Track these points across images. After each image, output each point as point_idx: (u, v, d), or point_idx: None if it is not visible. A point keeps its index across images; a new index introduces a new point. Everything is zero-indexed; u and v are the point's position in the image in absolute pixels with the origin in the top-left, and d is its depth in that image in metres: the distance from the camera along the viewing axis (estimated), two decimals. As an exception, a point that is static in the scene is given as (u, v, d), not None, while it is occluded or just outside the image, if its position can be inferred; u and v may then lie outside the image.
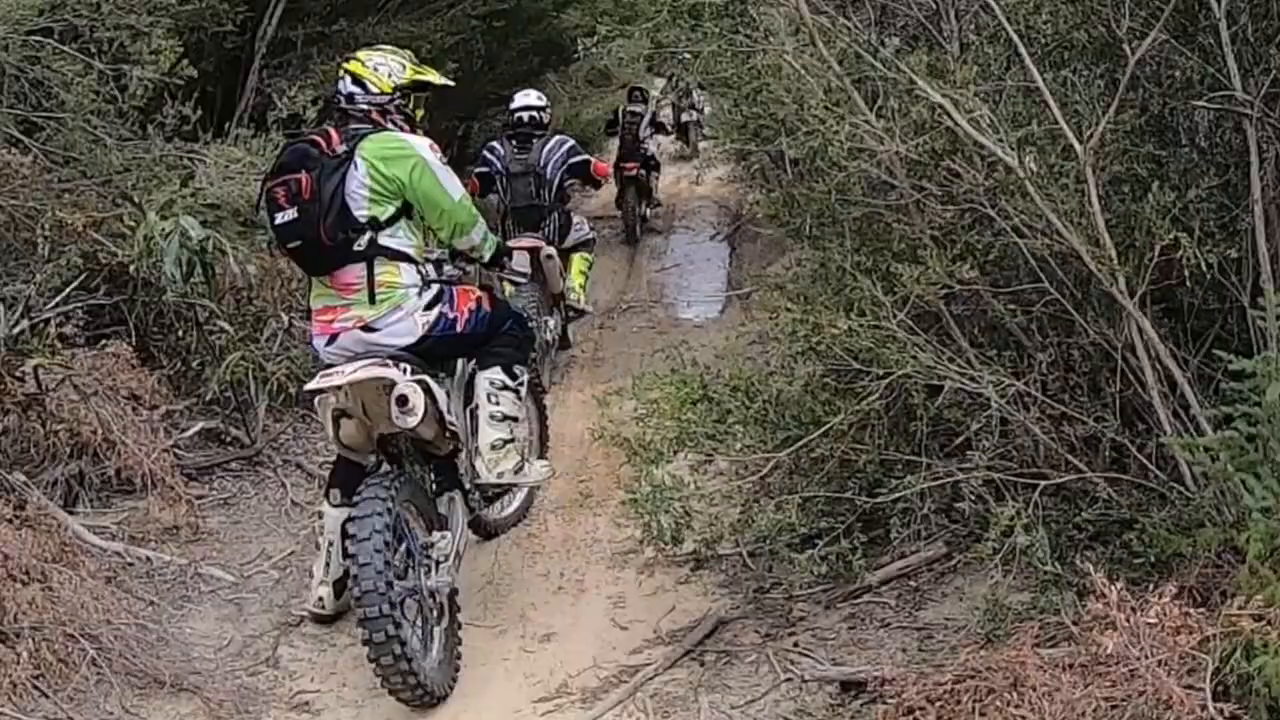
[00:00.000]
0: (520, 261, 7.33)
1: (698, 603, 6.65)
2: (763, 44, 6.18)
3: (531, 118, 11.95)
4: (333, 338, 6.28)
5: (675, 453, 6.12)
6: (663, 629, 6.48)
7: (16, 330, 7.17)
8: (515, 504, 7.76)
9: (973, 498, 5.37)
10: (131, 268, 7.95)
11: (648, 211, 17.73)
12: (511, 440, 6.72)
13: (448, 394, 6.52)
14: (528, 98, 12.21)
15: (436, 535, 6.25)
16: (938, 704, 4.54)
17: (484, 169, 11.68)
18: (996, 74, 5.87)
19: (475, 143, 18.95)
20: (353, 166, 6.17)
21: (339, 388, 6.03)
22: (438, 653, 6.05)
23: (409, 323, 6.26)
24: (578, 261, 11.70)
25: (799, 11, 5.91)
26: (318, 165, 6.16)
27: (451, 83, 6.93)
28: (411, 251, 6.35)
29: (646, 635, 6.47)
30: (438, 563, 6.16)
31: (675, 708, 5.74)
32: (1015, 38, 5.55)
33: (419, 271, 6.38)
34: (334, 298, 6.27)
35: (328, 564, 6.53)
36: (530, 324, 6.72)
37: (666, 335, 11.88)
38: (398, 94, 6.51)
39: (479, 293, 6.69)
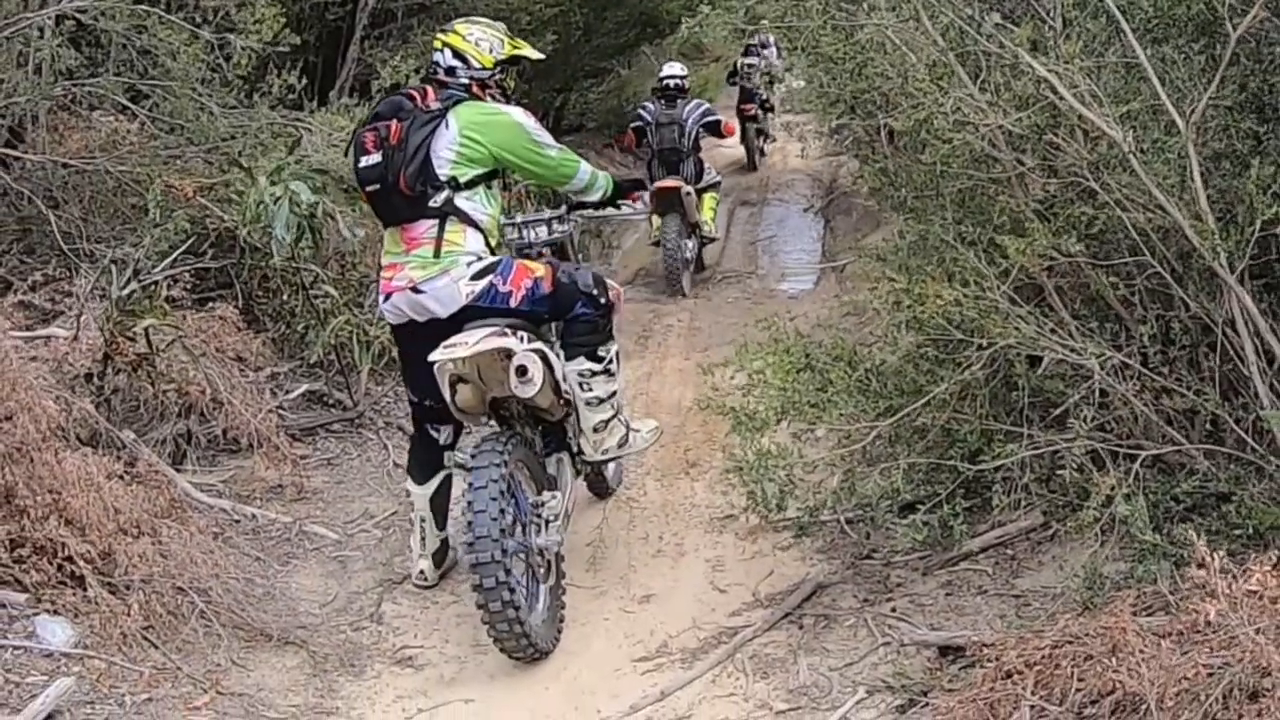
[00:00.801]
0: (643, 202, 7.46)
1: (796, 568, 6.75)
2: (866, 18, 6.24)
3: (676, 84, 14.71)
4: (388, 296, 6.44)
5: (779, 421, 6.20)
6: (761, 593, 6.59)
7: (127, 291, 7.34)
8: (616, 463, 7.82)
9: (1073, 466, 5.42)
10: (241, 232, 8.13)
11: (765, 145, 21.16)
12: (615, 415, 6.83)
13: (559, 359, 6.62)
14: (673, 69, 15.07)
15: (546, 495, 6.37)
16: (1036, 668, 4.62)
17: (638, 123, 14.54)
18: (1098, 49, 5.89)
19: (572, 113, 19.14)
20: (444, 125, 6.33)
21: (475, 356, 6.07)
22: (543, 609, 6.20)
23: (453, 290, 6.32)
24: (708, 200, 14.33)
25: (905, -16, 5.99)
26: (410, 116, 6.33)
27: (544, 56, 7.06)
28: (485, 220, 6.46)
29: (745, 598, 6.59)
30: (547, 522, 6.27)
31: (774, 669, 5.84)
32: (1117, 13, 5.58)
33: (487, 242, 6.46)
34: (399, 254, 6.42)
35: (423, 539, 6.77)
36: (606, 291, 6.76)
37: (762, 306, 11.98)
38: (498, 69, 6.66)
39: (541, 270, 6.59)
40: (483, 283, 6.34)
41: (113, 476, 6.31)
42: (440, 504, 6.82)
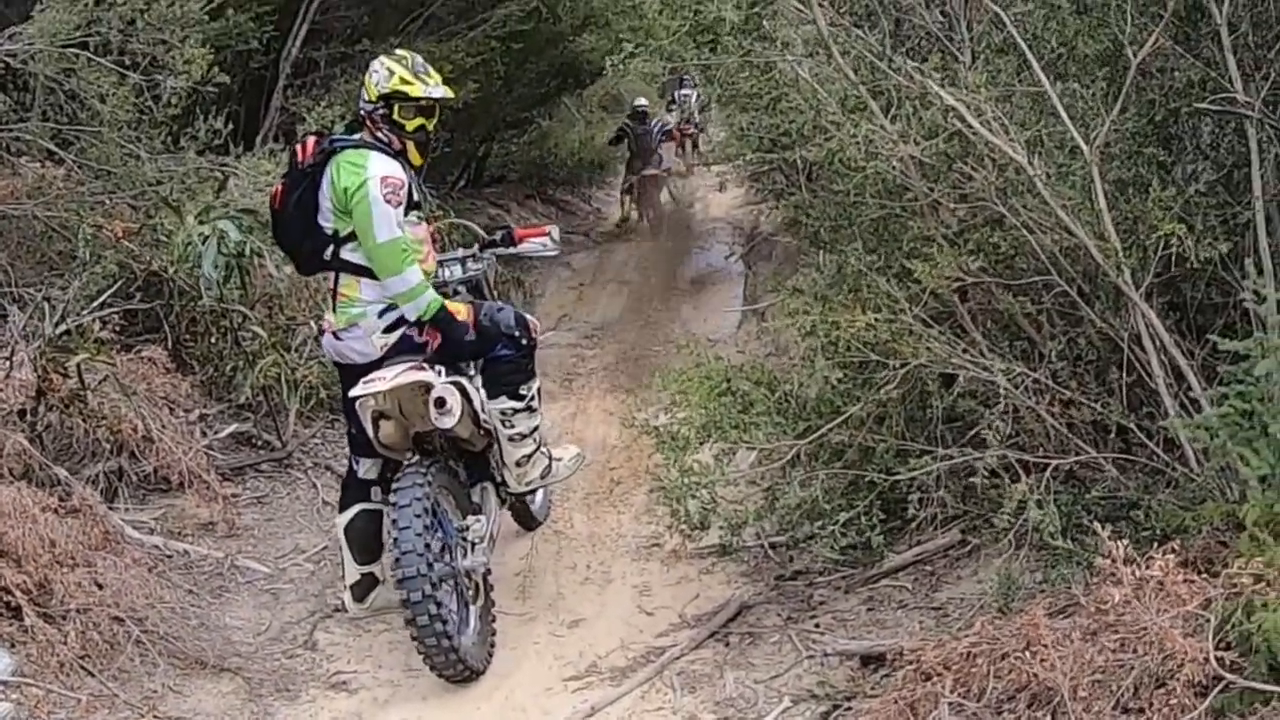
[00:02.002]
0: (551, 238, 7.50)
1: (721, 590, 6.89)
2: (780, 57, 6.42)
3: (644, 110, 20.56)
4: (323, 333, 6.57)
5: (701, 442, 6.35)
6: (687, 614, 6.72)
7: (60, 330, 7.40)
8: (542, 496, 7.88)
9: (986, 476, 5.60)
10: (170, 271, 8.19)
11: (696, 155, 23.93)
12: (537, 449, 6.88)
13: (478, 391, 6.68)
14: (641, 101, 21.05)
15: (471, 519, 6.43)
16: (954, 668, 4.77)
17: (622, 131, 20.62)
18: (1005, 81, 6.10)
19: (494, 163, 19.26)
20: (325, 178, 6.30)
21: (393, 391, 6.12)
22: (473, 630, 6.29)
23: (366, 343, 6.37)
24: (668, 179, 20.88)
25: (816, 25, 6.18)
26: (289, 174, 6.45)
27: (422, 96, 6.46)
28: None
29: (672, 620, 6.71)
30: (473, 545, 6.35)
31: (701, 684, 5.97)
32: (1024, 46, 5.80)
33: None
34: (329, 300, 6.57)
35: (344, 569, 6.63)
36: (528, 332, 6.84)
37: (682, 349, 12.07)
38: (381, 103, 6.42)
39: (463, 311, 6.59)
40: (396, 335, 6.38)
41: (47, 510, 6.34)
42: (360, 537, 6.56)
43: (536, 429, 6.90)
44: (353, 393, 6.17)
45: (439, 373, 6.33)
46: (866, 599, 6.33)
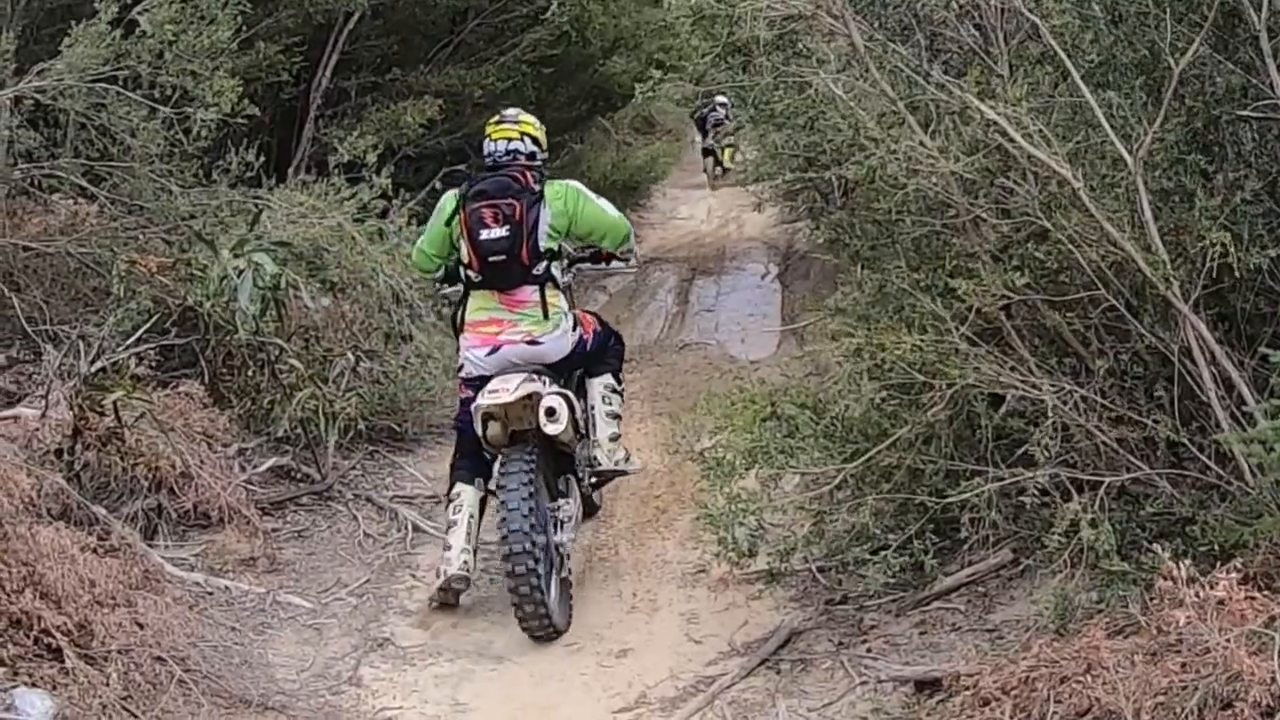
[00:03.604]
0: (634, 256, 8.51)
1: (770, 617, 6.81)
2: (815, 74, 6.36)
3: (714, 109, 24.45)
4: (495, 349, 7.36)
5: (746, 468, 6.28)
6: (737, 641, 6.65)
7: (96, 367, 7.38)
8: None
9: (1037, 495, 5.52)
10: (208, 305, 8.17)
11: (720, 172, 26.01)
12: (620, 435, 7.85)
13: (576, 401, 7.57)
14: (716, 99, 22.64)
15: (561, 501, 7.32)
16: (1013, 692, 4.70)
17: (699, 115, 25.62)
18: (1045, 93, 6.04)
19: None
20: (543, 203, 7.35)
21: (508, 404, 6.99)
22: (557, 595, 6.97)
23: (564, 341, 7.46)
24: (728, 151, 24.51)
25: (853, 41, 6.13)
26: (524, 195, 7.32)
27: None
28: (564, 283, 7.67)
29: (721, 648, 6.64)
30: (561, 523, 7.18)
31: (754, 713, 5.90)
32: (1064, 56, 5.73)
33: (568, 300, 7.65)
34: (502, 312, 7.40)
35: (468, 533, 7.27)
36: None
37: (722, 371, 12.04)
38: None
39: (592, 319, 8.01)
40: (576, 334, 7.59)
41: (86, 549, 6.28)
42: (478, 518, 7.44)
43: (621, 419, 7.93)
44: (480, 402, 7.06)
45: (545, 383, 7.16)
46: (918, 622, 6.25)
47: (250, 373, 8.80)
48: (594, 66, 17.23)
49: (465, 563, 7.20)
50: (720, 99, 22.94)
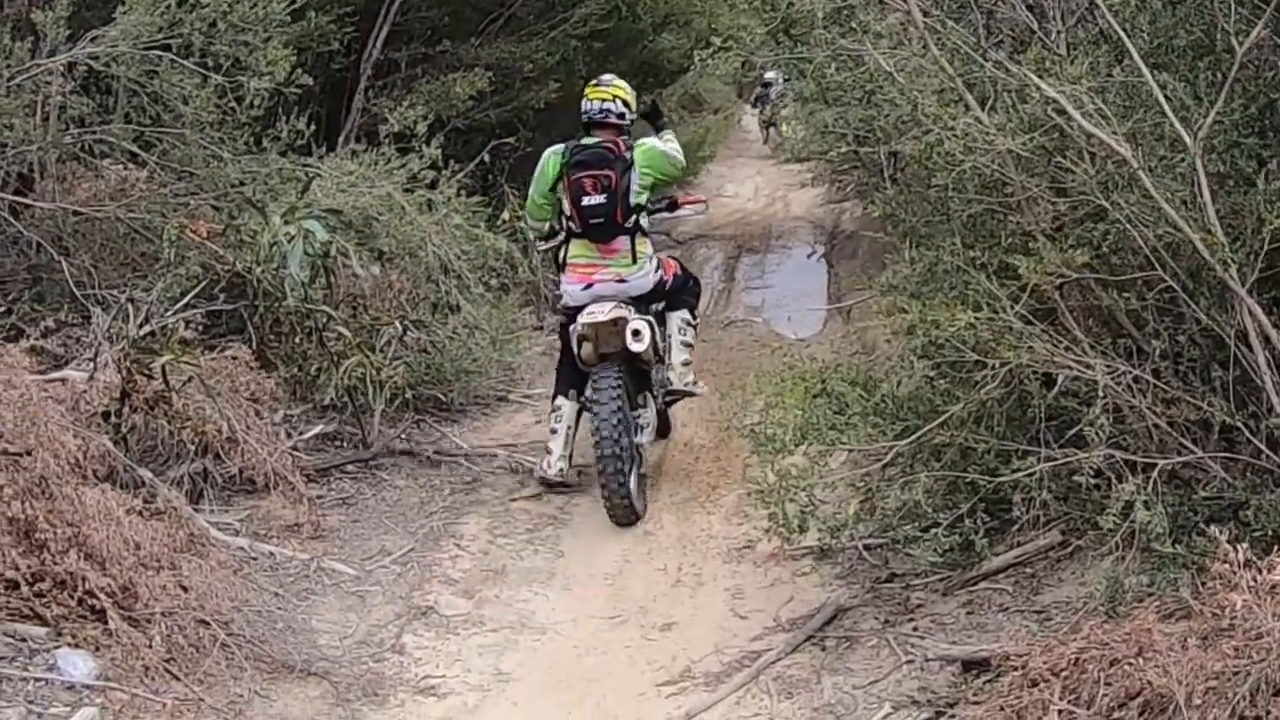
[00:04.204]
0: (705, 203, 10.36)
1: (816, 593, 6.79)
2: (873, 49, 6.33)
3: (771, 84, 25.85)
4: (589, 285, 8.49)
5: (797, 445, 6.27)
6: (782, 617, 6.62)
7: (143, 332, 7.41)
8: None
9: (1090, 475, 5.47)
10: (257, 271, 8.18)
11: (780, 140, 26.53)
12: (691, 362, 8.94)
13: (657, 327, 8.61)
14: (766, 74, 23.61)
15: (641, 410, 8.52)
16: (1062, 674, 4.67)
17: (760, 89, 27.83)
18: (1103, 72, 5.99)
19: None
20: (634, 169, 8.43)
21: (600, 323, 8.15)
22: (637, 487, 8.09)
23: (646, 280, 8.59)
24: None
25: (912, 16, 6.09)
26: (618, 163, 8.39)
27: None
28: (648, 229, 8.76)
29: (766, 623, 6.62)
30: (641, 428, 8.42)
31: (798, 689, 5.88)
32: (1124, 36, 5.68)
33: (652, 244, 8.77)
34: (598, 258, 8.55)
35: (566, 440, 8.49)
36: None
37: (769, 349, 11.98)
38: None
39: (674, 263, 9.21)
40: (659, 274, 8.73)
41: (132, 512, 6.29)
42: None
43: (693, 347, 9.03)
44: (581, 319, 8.23)
45: (631, 310, 8.26)
46: (965, 602, 6.20)
47: (298, 339, 8.79)
48: (643, 43, 17.24)
49: (561, 469, 8.45)
50: (769, 74, 23.68)
